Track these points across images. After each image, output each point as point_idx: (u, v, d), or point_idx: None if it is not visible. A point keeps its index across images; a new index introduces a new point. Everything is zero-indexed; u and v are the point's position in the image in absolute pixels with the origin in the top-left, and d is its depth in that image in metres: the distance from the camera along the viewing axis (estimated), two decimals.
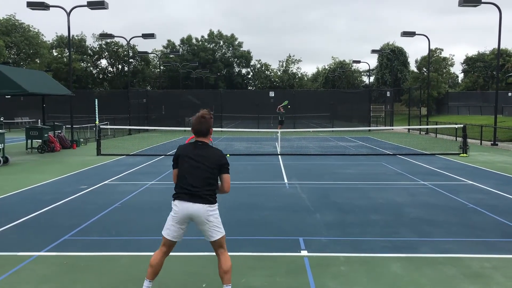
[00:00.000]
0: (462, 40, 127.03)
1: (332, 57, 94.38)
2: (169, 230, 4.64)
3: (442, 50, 61.66)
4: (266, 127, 36.94)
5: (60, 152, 20.59)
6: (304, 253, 6.35)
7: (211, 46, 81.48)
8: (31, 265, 5.93)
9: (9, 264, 5.91)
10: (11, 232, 7.45)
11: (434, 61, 56.69)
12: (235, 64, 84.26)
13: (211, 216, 4.53)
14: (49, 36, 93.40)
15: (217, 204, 4.64)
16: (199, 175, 4.55)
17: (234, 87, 76.86)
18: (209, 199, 4.54)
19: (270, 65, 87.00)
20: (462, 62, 72.18)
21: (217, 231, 4.60)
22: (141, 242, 7.00)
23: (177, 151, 4.79)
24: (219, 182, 4.73)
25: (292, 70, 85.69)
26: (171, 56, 72.94)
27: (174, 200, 4.63)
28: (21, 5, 31.49)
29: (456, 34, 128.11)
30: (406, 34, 33.90)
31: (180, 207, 4.54)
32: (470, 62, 69.37)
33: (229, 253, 6.28)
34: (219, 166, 4.64)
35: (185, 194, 4.53)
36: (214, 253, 6.25)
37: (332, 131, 34.88)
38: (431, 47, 36.47)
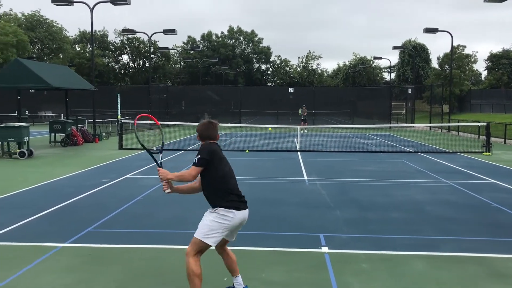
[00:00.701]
0: (486, 37, 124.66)
1: (353, 53, 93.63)
2: (216, 238, 4.42)
3: (465, 47, 60.64)
4: (285, 123, 36.87)
5: (82, 145, 20.91)
6: (325, 249, 6.34)
7: (231, 42, 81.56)
8: (55, 255, 6.06)
9: (34, 255, 6.04)
10: (36, 223, 7.62)
11: (456, 58, 55.80)
12: (254, 60, 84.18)
13: None
14: (72, 32, 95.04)
15: None
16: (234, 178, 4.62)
17: (253, 83, 76.84)
18: None
19: (290, 61, 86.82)
20: (485, 59, 70.87)
21: None
22: (163, 235, 7.08)
23: (215, 149, 4.51)
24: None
25: (312, 66, 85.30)
26: (192, 52, 73.28)
27: (230, 209, 4.43)
28: (46, 1, 31.91)
29: (480, 30, 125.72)
30: (428, 30, 33.41)
31: (238, 216, 4.45)
32: (494, 59, 67.98)
33: (249, 248, 6.39)
34: None
35: (242, 202, 4.53)
36: (235, 247, 6.30)
37: (352, 128, 34.63)
38: (454, 44, 35.87)
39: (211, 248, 4.56)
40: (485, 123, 20.02)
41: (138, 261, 5.90)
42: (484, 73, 75.37)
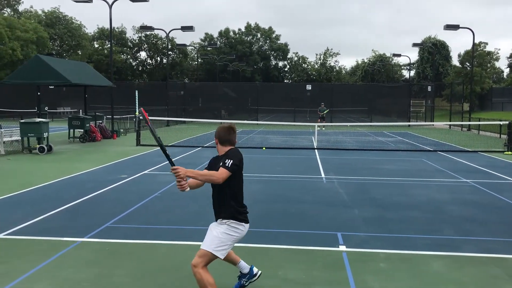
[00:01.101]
0: (508, 33, 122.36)
1: (373, 50, 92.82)
2: (226, 251, 4.40)
3: (487, 44, 59.67)
4: (302, 121, 36.73)
5: (101, 141, 21.12)
6: (342, 248, 6.28)
7: (248, 38, 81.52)
8: (74, 250, 6.11)
9: (54, 249, 6.11)
10: (55, 218, 7.70)
11: (478, 55, 54.91)
12: (271, 57, 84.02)
13: None
14: (90, 28, 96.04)
15: None
16: None
17: (271, 80, 76.72)
18: None
19: (307, 58, 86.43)
20: (508, 56, 69.58)
21: None
22: (180, 231, 7.09)
23: (241, 157, 4.42)
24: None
25: (329, 63, 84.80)
26: (209, 48, 73.45)
27: (241, 222, 4.41)
28: None
29: (503, 27, 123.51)
30: (449, 27, 32.93)
31: (246, 229, 4.50)
32: None
33: (267, 245, 6.36)
34: None
35: (247, 214, 4.52)
36: (251, 245, 6.28)
37: (370, 125, 34.33)
38: (475, 41, 35.28)
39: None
40: (507, 122, 19.64)
41: (155, 256, 5.92)
42: (506, 71, 74.06)
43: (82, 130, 20.71)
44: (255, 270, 4.90)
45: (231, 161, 4.24)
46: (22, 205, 8.56)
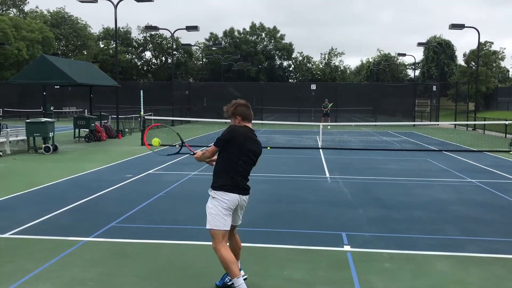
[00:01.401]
0: None
1: (378, 49, 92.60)
2: (222, 221, 4.64)
3: (492, 43, 59.40)
4: (307, 121, 36.70)
5: (106, 141, 21.20)
6: (347, 248, 6.29)
7: (253, 38, 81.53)
8: (80, 249, 6.15)
9: (59, 248, 6.15)
10: (61, 218, 7.75)
11: (483, 54, 54.65)
12: (276, 57, 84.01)
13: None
14: (95, 28, 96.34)
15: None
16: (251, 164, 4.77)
17: (275, 79, 76.68)
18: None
19: (312, 58, 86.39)
20: None
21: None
22: (185, 230, 7.12)
23: (236, 132, 4.68)
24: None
25: (334, 63, 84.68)
26: (214, 48, 73.53)
27: (227, 191, 4.64)
28: None
29: (508, 26, 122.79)
30: (454, 26, 32.81)
31: (232, 198, 4.65)
32: None
33: (271, 245, 6.38)
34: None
35: (241, 188, 4.67)
36: (256, 244, 6.30)
37: (375, 125, 34.28)
38: (481, 40, 35.14)
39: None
40: None
41: (160, 256, 5.95)
42: None
43: (88, 130, 20.79)
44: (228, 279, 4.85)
45: (219, 136, 4.60)
46: (28, 205, 8.62)
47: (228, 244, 4.78)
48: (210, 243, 4.72)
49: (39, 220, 7.49)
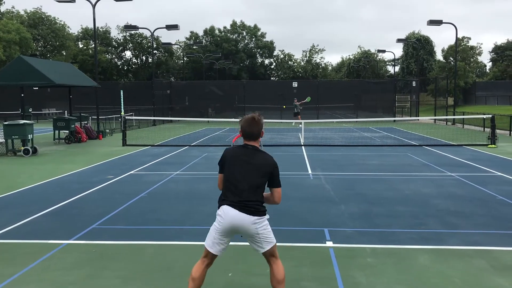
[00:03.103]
0: (491, 28, 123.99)
1: (359, 46, 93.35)
2: (210, 241, 4.24)
3: (470, 38, 60.46)
4: (289, 118, 36.79)
5: (86, 142, 20.94)
6: (329, 244, 6.32)
7: (234, 37, 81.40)
8: (60, 253, 6.06)
9: (40, 252, 6.05)
10: (41, 221, 7.63)
11: (461, 50, 55.48)
12: (258, 55, 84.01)
13: (259, 228, 4.15)
14: (74, 29, 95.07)
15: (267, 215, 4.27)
16: (249, 181, 4.15)
17: (257, 77, 76.69)
18: (258, 209, 4.16)
19: (294, 55, 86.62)
20: (490, 50, 70.48)
21: (268, 242, 4.27)
22: (168, 231, 7.07)
23: (224, 154, 4.32)
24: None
25: (315, 60, 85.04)
26: (194, 47, 73.19)
27: (219, 207, 4.21)
28: None
29: (485, 22, 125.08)
30: (432, 22, 33.23)
31: (223, 213, 4.14)
32: (499, 51, 67.65)
33: None
34: (269, 174, 4.22)
35: (233, 202, 4.13)
36: (240, 243, 6.28)
37: (356, 121, 34.54)
38: (458, 36, 35.66)
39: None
40: (490, 115, 19.90)
41: (143, 257, 5.90)
42: (489, 65, 74.98)
43: (68, 131, 20.51)
44: None
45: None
46: (7, 208, 8.47)
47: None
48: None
49: (18, 224, 7.36)
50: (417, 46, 56.93)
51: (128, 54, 74.54)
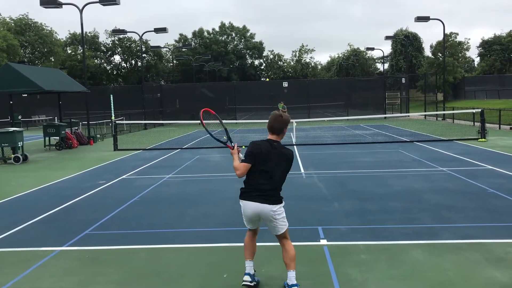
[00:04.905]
0: (478, 23, 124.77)
1: (349, 44, 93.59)
2: (246, 222, 5.00)
3: (458, 34, 60.76)
4: None
5: (77, 148, 20.82)
6: (323, 242, 6.33)
7: (223, 38, 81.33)
8: (53, 259, 6.02)
9: (32, 259, 6.00)
10: (33, 228, 7.57)
11: (449, 45, 55.84)
12: (247, 56, 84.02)
13: (278, 215, 4.86)
14: (62, 34, 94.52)
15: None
16: (278, 174, 4.87)
17: (247, 78, 76.69)
18: (279, 199, 4.92)
19: (283, 56, 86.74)
20: (478, 45, 70.98)
21: (284, 226, 4.92)
22: (161, 234, 7.04)
23: (257, 146, 4.81)
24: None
25: (305, 60, 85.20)
26: (184, 49, 72.99)
27: (241, 199, 4.92)
28: (33, 4, 31.75)
29: (472, 17, 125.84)
30: (420, 19, 33.44)
31: (244, 205, 4.88)
32: (487, 46, 68.13)
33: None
34: (291, 162, 4.91)
35: (259, 193, 4.82)
36: (234, 244, 6.28)
37: (347, 119, 34.65)
38: (446, 32, 35.92)
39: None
40: (479, 110, 20.06)
41: (136, 261, 5.87)
42: (477, 60, 75.54)
43: (58, 138, 20.37)
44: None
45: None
46: None
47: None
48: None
49: (10, 232, 7.30)
50: (406, 42, 57.24)
51: (117, 58, 74.25)
